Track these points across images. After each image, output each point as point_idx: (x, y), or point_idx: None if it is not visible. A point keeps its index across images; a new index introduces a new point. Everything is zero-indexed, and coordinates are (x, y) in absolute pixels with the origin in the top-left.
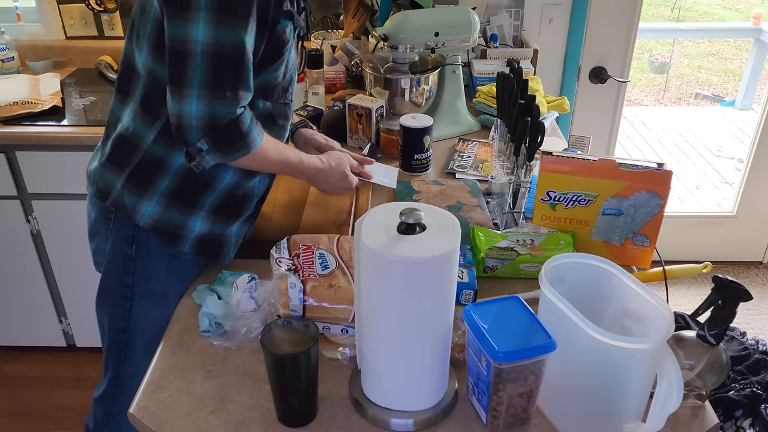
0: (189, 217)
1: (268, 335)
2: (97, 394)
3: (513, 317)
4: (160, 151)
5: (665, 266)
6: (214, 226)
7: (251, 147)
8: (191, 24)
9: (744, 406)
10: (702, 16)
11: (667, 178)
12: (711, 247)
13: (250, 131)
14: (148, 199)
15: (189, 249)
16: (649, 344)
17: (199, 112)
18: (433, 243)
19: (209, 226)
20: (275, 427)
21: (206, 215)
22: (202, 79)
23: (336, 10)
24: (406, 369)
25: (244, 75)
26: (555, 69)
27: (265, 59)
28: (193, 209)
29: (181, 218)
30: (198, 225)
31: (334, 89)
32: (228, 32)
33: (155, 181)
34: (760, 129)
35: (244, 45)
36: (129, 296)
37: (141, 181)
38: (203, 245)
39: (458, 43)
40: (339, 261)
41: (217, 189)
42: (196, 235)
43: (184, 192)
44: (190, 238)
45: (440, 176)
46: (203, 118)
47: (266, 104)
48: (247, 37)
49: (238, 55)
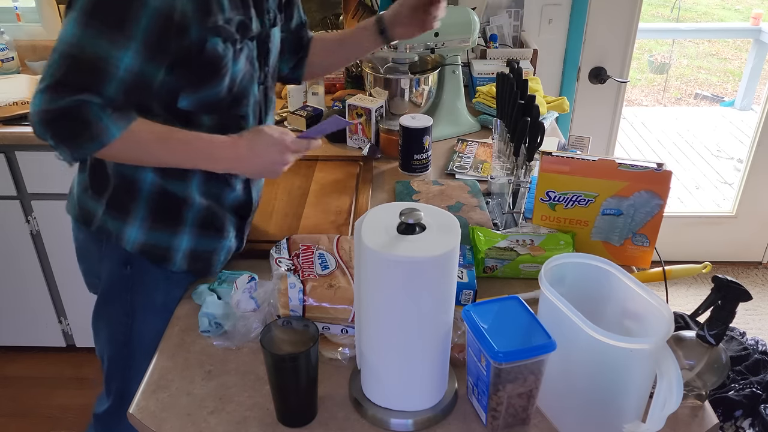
0: (174, 236)
1: (267, 335)
2: (100, 409)
3: (513, 317)
4: (128, 173)
5: (665, 266)
6: (201, 242)
7: (102, 139)
8: (65, 23)
9: (744, 406)
10: (701, 16)
11: (666, 178)
12: (710, 248)
13: (95, 122)
14: (130, 224)
15: (179, 268)
16: (649, 344)
17: (36, 106)
18: (433, 243)
19: (195, 243)
20: (275, 427)
21: (191, 231)
22: (52, 75)
23: (336, 10)
24: (405, 369)
25: (101, 86)
26: (555, 69)
27: (201, 78)
28: (177, 227)
29: (167, 239)
30: (184, 242)
31: (333, 89)
32: (93, 39)
33: (132, 205)
34: (759, 129)
35: (108, 58)
36: (130, 312)
37: (120, 206)
38: (192, 262)
39: (458, 44)
40: (339, 261)
41: (195, 204)
42: (183, 253)
43: (162, 212)
44: (178, 258)
45: (440, 176)
46: (40, 112)
47: (212, 118)
48: (119, 54)
49: (99, 65)
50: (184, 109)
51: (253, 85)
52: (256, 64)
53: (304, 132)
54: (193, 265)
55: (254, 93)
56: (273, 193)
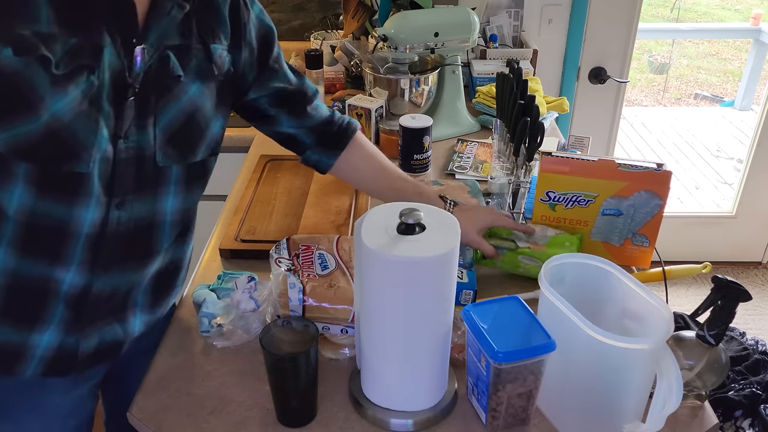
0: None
1: (267, 335)
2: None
3: (512, 317)
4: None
5: (665, 266)
6: (5, 333)
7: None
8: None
9: (743, 407)
10: (701, 16)
11: (666, 178)
12: (710, 248)
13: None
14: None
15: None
16: (649, 344)
17: None
18: (433, 243)
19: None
20: (275, 427)
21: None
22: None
23: (336, 10)
24: (405, 369)
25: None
26: (554, 69)
27: (1, 106)
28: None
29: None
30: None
31: (333, 89)
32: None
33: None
34: (759, 129)
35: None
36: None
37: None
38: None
39: (458, 44)
40: (339, 261)
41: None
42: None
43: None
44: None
45: (440, 177)
46: None
47: (32, 170)
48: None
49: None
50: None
51: (99, 136)
52: (108, 108)
53: None
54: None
55: (103, 147)
56: (273, 193)
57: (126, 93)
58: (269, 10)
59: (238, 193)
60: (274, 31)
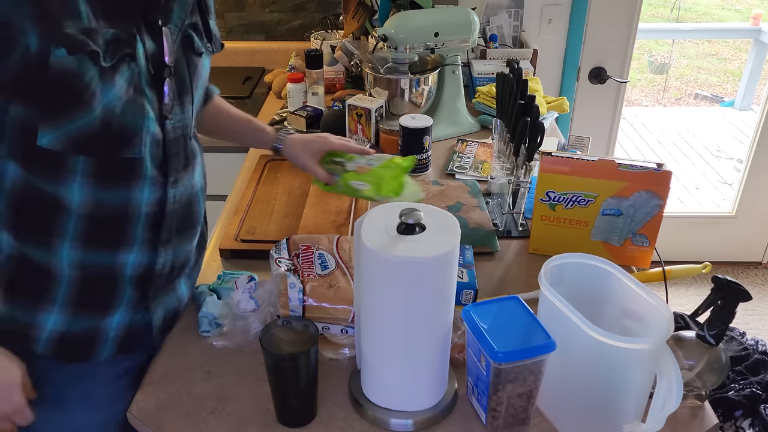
0: (36, 312)
1: (267, 335)
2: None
3: (512, 317)
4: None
5: (665, 266)
6: (76, 323)
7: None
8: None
9: (743, 407)
10: (701, 16)
11: (666, 178)
12: (710, 248)
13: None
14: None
15: (44, 350)
16: (649, 344)
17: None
18: (433, 243)
19: (68, 323)
20: (275, 427)
21: (62, 310)
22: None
23: (336, 10)
24: (405, 369)
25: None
26: (554, 69)
27: (57, 104)
28: (40, 304)
29: (30, 315)
30: (51, 321)
31: (333, 89)
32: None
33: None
34: (759, 129)
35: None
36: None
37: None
38: (63, 347)
39: (458, 44)
40: (339, 261)
41: (63, 277)
42: (49, 335)
43: (21, 285)
44: (43, 338)
45: (440, 177)
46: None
47: (90, 163)
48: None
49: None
50: (48, 148)
51: (146, 121)
52: (150, 93)
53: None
54: (64, 351)
55: (151, 129)
56: (273, 193)
57: (162, 74)
58: (269, 10)
59: (238, 193)
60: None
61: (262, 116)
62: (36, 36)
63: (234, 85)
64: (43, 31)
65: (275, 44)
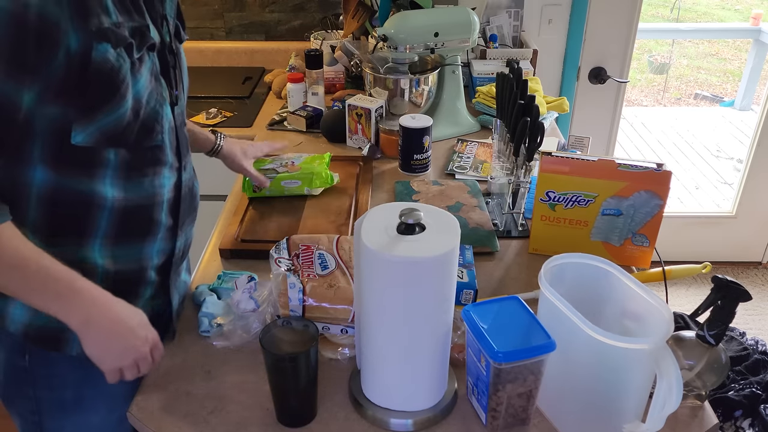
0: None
1: (267, 335)
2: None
3: (512, 317)
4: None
5: (665, 266)
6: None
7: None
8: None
9: (743, 407)
10: (701, 16)
11: (666, 178)
12: (710, 248)
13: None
14: (12, 301)
15: (79, 352)
16: (649, 344)
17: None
18: (433, 243)
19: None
20: (275, 427)
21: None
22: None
23: (336, 10)
24: (405, 369)
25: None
26: (554, 69)
27: (96, 100)
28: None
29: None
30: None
31: (333, 89)
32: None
33: None
34: (759, 129)
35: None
36: (36, 410)
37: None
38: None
39: (458, 44)
40: (338, 261)
41: (98, 272)
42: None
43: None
44: (75, 340)
45: (440, 176)
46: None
47: (120, 154)
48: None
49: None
50: (82, 145)
51: (164, 107)
52: (162, 80)
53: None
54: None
55: (168, 116)
56: None
57: (168, 63)
58: (269, 10)
59: (238, 193)
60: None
61: (262, 116)
62: (76, 35)
63: (234, 85)
64: (84, 29)
65: (275, 44)
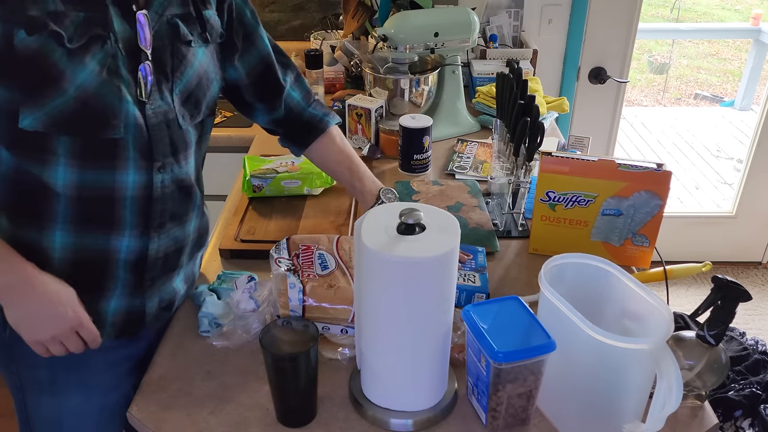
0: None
1: (267, 335)
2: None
3: (512, 317)
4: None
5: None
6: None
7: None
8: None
9: (743, 407)
10: (701, 16)
11: (666, 178)
12: (710, 248)
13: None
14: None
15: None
16: (649, 344)
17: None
18: (433, 243)
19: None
20: (275, 427)
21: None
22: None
23: (336, 10)
24: (405, 369)
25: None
26: (554, 69)
27: (29, 85)
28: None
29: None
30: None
31: (333, 89)
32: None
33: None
34: (759, 129)
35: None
36: (19, 386)
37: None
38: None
39: (458, 44)
40: (339, 261)
41: (55, 260)
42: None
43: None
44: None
45: (440, 177)
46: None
47: (73, 142)
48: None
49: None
50: (30, 129)
51: (123, 103)
52: (127, 76)
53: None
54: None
55: (131, 112)
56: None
57: (139, 59)
58: (269, 10)
59: (238, 193)
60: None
61: None
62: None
63: None
64: (4, 15)
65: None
